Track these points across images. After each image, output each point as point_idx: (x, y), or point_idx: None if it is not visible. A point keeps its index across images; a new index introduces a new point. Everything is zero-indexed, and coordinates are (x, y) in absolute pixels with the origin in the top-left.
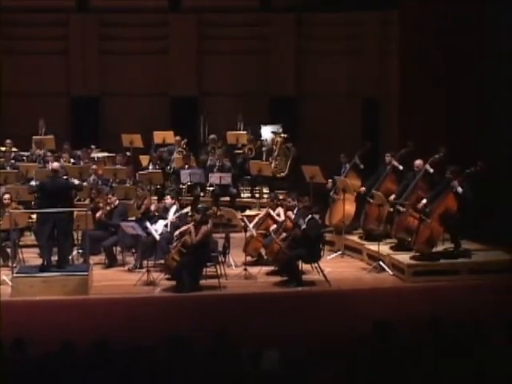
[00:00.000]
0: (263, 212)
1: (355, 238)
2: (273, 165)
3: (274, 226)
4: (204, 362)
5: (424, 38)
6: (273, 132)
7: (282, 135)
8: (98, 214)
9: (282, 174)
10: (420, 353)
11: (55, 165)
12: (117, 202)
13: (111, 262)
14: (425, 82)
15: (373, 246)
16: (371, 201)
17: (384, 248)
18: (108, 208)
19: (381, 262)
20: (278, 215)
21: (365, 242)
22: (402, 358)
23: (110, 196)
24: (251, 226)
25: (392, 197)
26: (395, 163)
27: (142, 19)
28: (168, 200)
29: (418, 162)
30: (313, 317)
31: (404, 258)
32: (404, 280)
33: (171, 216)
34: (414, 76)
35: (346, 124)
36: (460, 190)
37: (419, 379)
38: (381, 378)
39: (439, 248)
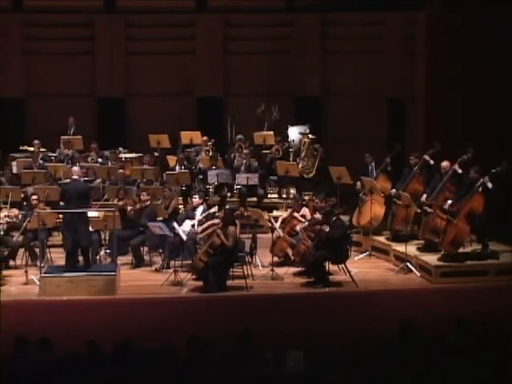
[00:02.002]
0: (287, 213)
1: (382, 238)
2: (300, 165)
3: (301, 225)
4: (229, 363)
5: (450, 39)
6: (300, 133)
7: (310, 136)
8: (128, 208)
9: (310, 175)
10: (446, 353)
11: (75, 169)
12: (148, 202)
13: (138, 262)
14: (451, 82)
15: (400, 247)
16: (398, 202)
17: (411, 249)
18: (138, 206)
19: (408, 263)
20: (304, 216)
21: (392, 243)
22: (429, 358)
23: (143, 193)
24: (277, 226)
25: (424, 197)
26: (427, 157)
27: (168, 20)
28: (196, 200)
29: (445, 163)
30: (340, 317)
31: (431, 259)
32: (431, 281)
33: (198, 216)
34: (440, 77)
35: (371, 125)
36: (490, 185)
37: (446, 379)
38: (405, 379)
39: (467, 249)
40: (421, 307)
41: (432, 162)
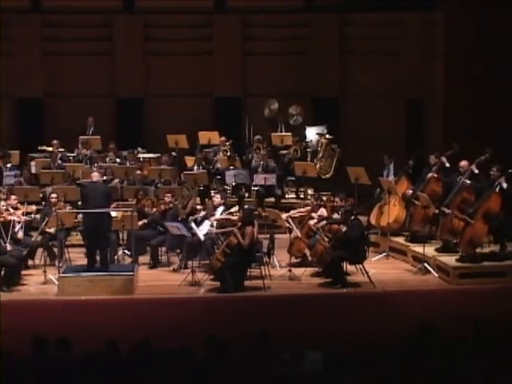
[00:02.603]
0: (304, 209)
1: (400, 239)
2: (318, 166)
3: (315, 222)
4: (246, 363)
5: (469, 39)
6: (318, 133)
7: (327, 136)
8: (153, 210)
9: (327, 176)
10: (464, 354)
11: (95, 174)
12: (172, 204)
13: (155, 263)
14: (469, 82)
15: (418, 248)
16: (416, 202)
17: (429, 250)
18: (163, 208)
19: (426, 264)
20: (321, 216)
21: (410, 244)
22: (446, 359)
23: (168, 195)
24: (294, 217)
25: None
26: (444, 159)
27: (187, 20)
28: (217, 199)
29: (464, 162)
30: (357, 318)
31: (449, 259)
32: (449, 282)
33: (218, 216)
34: (459, 77)
35: (389, 125)
36: (505, 185)
37: (463, 380)
38: (423, 379)
39: (485, 250)
40: (438, 308)
41: (448, 164)
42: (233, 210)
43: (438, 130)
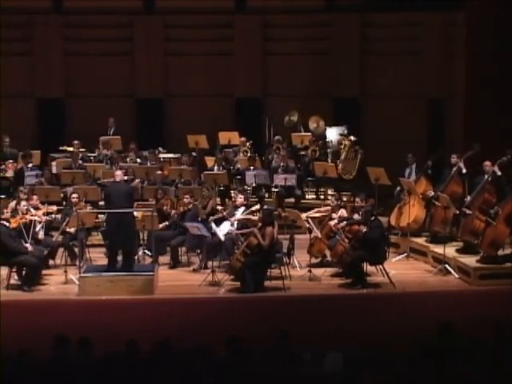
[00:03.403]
0: (324, 208)
1: (421, 240)
2: (340, 167)
3: (335, 222)
4: (266, 363)
5: (490, 39)
6: (341, 134)
7: (351, 138)
8: (172, 212)
9: (350, 177)
10: (484, 355)
11: (118, 173)
12: (191, 205)
13: (175, 263)
14: (490, 83)
15: (438, 249)
16: (437, 203)
17: (450, 250)
18: (181, 209)
19: (446, 265)
20: (341, 217)
21: (430, 245)
22: (466, 359)
23: (187, 196)
24: (313, 216)
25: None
26: (461, 164)
27: (207, 20)
28: (240, 199)
29: (488, 162)
30: (377, 319)
31: (470, 260)
32: (470, 283)
33: (239, 215)
34: (480, 77)
35: (410, 126)
36: None
37: (482, 381)
38: (444, 379)
39: (507, 251)
40: (459, 309)
41: (465, 170)
42: (254, 208)
43: (459, 130)
